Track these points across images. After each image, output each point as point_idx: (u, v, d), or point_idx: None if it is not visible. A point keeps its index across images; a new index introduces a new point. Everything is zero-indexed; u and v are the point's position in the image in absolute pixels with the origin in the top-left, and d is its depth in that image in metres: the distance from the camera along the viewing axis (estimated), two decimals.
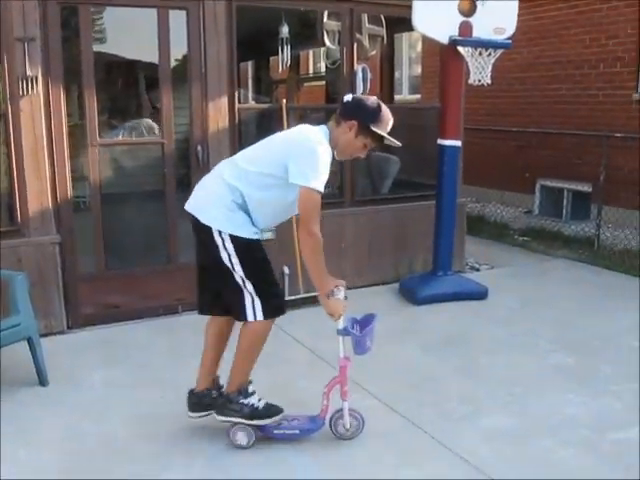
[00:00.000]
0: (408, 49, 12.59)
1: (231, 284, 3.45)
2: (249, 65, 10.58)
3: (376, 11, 6.64)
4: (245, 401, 3.52)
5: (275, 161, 3.36)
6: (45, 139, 5.06)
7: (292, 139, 3.45)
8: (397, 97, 10.77)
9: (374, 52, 7.34)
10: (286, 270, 5.88)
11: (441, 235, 6.06)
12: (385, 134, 3.44)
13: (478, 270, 7.06)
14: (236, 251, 3.39)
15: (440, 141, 5.94)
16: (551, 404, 4.01)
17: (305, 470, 3.34)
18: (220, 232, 3.39)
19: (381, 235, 6.41)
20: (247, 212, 3.45)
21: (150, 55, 5.74)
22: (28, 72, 4.92)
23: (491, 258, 7.45)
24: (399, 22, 6.92)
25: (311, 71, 12.85)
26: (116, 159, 5.91)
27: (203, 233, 3.45)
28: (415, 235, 6.52)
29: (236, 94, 5.67)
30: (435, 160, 6.06)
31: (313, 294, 5.81)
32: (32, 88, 4.96)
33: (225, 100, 5.60)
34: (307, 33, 7.38)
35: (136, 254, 5.76)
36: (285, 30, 6.69)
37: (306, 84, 10.13)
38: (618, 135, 8.10)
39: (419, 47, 12.03)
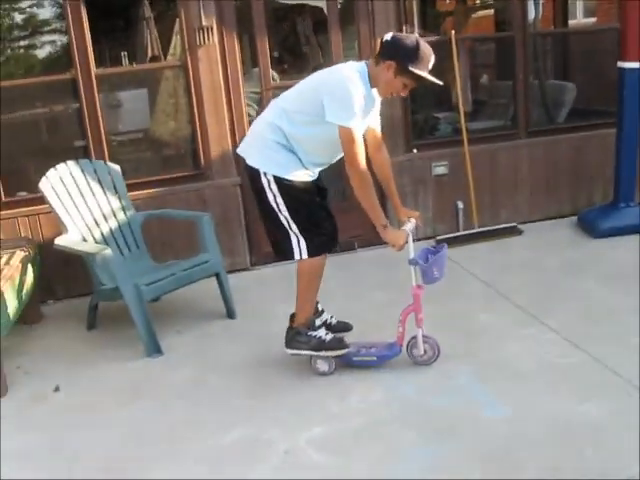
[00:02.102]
0: None
1: (278, 225, 3.55)
2: None
3: None
4: (313, 333, 3.68)
5: (311, 99, 3.38)
6: (223, 86, 5.30)
7: (326, 77, 3.46)
8: (571, 22, 10.16)
9: None
10: (460, 205, 5.86)
11: (622, 164, 5.74)
12: (424, 74, 3.33)
13: None
14: (280, 192, 3.48)
15: (620, 63, 5.58)
16: None
17: (486, 400, 3.38)
18: (265, 173, 3.48)
19: (558, 167, 6.17)
20: (293, 151, 3.50)
21: None
22: (204, 23, 5.15)
23: None
24: None
25: (478, 1, 12.39)
26: None
27: (251, 175, 3.57)
28: (594, 165, 6.22)
29: (404, 29, 5.62)
30: (614, 86, 5.73)
31: (488, 228, 5.78)
32: (208, 38, 5.19)
33: None
34: None
35: None
36: None
37: (474, 15, 9.80)
38: None
39: None
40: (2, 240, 4.85)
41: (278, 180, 3.49)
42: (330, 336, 3.72)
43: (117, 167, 4.88)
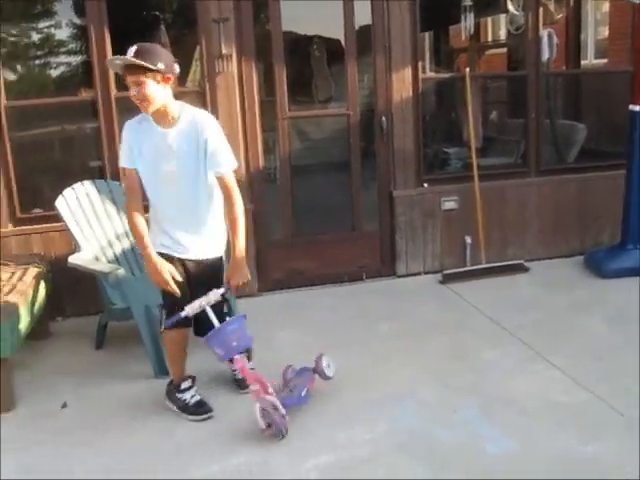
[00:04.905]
0: (594, 10, 11.95)
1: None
2: (427, 35, 10.51)
3: None
4: (179, 395, 3.77)
5: None
6: (239, 114, 5.38)
7: None
8: (582, 62, 10.27)
9: (560, 16, 7.07)
10: (468, 240, 5.90)
11: (631, 206, 5.79)
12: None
13: None
14: None
15: (632, 107, 5.66)
16: None
17: (490, 434, 3.39)
18: None
19: (566, 206, 6.22)
20: (156, 221, 3.64)
21: (334, 30, 5.90)
22: (223, 51, 5.24)
23: None
24: None
25: (490, 39, 12.54)
26: (304, 131, 6.16)
27: None
28: (602, 206, 6.26)
29: (419, 65, 5.72)
30: (624, 127, 5.80)
31: (495, 264, 5.82)
32: (227, 66, 5.28)
33: (409, 71, 5.65)
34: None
35: (322, 222, 5.99)
36: None
37: (487, 52, 9.94)
38: None
39: (605, 7, 11.40)
40: (15, 256, 4.90)
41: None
42: (195, 399, 3.77)
43: None
